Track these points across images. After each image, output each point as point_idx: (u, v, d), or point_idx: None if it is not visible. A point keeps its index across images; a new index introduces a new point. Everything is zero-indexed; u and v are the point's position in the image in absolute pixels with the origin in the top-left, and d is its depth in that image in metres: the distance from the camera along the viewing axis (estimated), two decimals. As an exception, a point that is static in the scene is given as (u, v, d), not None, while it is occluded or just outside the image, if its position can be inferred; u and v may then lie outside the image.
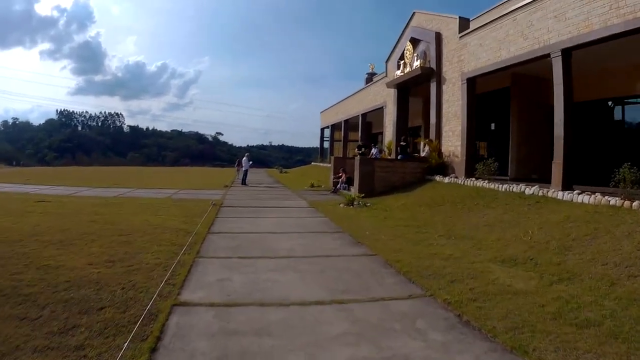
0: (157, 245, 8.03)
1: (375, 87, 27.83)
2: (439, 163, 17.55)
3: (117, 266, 6.54)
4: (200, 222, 10.72)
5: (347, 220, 11.72)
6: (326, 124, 44.35)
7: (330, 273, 6.59)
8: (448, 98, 17.72)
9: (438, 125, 18.29)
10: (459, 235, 9.62)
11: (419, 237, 9.51)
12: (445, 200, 13.25)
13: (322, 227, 10.88)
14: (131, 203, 14.66)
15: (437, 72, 18.35)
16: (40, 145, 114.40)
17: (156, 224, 10.36)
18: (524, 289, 5.86)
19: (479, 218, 10.78)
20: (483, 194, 12.71)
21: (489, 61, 15.03)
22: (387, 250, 8.13)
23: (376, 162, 17.79)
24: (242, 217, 12.17)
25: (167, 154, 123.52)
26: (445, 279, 6.29)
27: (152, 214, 12.17)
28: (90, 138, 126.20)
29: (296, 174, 39.63)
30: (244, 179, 26.02)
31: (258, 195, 19.02)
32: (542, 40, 12.52)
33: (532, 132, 17.13)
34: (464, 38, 16.64)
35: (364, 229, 10.40)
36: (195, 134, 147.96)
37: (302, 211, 14.04)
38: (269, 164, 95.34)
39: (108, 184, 23.63)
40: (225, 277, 6.17)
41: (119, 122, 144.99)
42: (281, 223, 11.37)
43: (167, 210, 13.02)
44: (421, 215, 12.27)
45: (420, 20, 20.25)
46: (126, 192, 18.82)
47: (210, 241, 8.66)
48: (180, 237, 8.90)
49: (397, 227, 10.69)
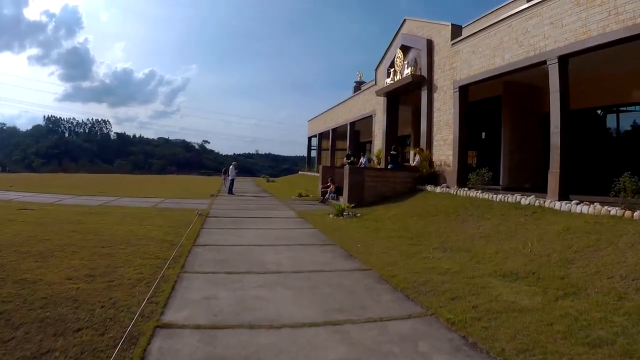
0: (140, 258, 7.57)
1: (364, 96, 27.57)
2: (430, 172, 17.25)
3: (98, 281, 6.09)
4: (185, 233, 10.27)
5: (337, 232, 11.33)
6: (314, 132, 44.00)
7: (323, 290, 6.16)
8: (439, 106, 17.46)
9: (429, 134, 18.01)
10: (455, 247, 9.26)
11: (413, 250, 9.13)
12: (438, 210, 12.90)
13: (311, 239, 10.44)
14: (115, 212, 14.13)
15: (429, 80, 18.10)
16: (28, 152, 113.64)
17: (140, 235, 9.88)
18: (530, 305, 5.53)
19: (475, 229, 10.44)
20: (477, 204, 12.38)
21: (483, 68, 14.79)
22: (381, 264, 7.75)
23: (366, 172, 17.42)
24: (229, 228, 11.69)
25: (154, 161, 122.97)
26: (445, 295, 5.92)
27: (136, 224, 11.67)
28: (77, 145, 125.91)
29: (283, 183, 39.17)
30: (231, 188, 25.52)
31: (245, 205, 18.54)
32: (538, 47, 12.31)
33: (525, 140, 17.00)
34: (456, 45, 16.42)
35: (355, 241, 10.01)
36: (182, 142, 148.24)
37: (291, 222, 13.60)
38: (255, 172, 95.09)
39: (93, 192, 23.09)
40: (211, 295, 5.72)
41: (106, 129, 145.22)
42: (269, 235, 10.92)
43: (152, 220, 12.52)
44: (414, 227, 11.91)
45: (411, 28, 20.03)
46: (111, 201, 18.25)
47: (196, 254, 8.19)
48: (164, 249, 8.44)
49: (389, 239, 10.32)
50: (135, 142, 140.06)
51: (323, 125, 39.43)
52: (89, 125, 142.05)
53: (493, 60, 14.30)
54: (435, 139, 17.71)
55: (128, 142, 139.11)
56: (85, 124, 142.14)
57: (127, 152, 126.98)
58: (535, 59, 12.41)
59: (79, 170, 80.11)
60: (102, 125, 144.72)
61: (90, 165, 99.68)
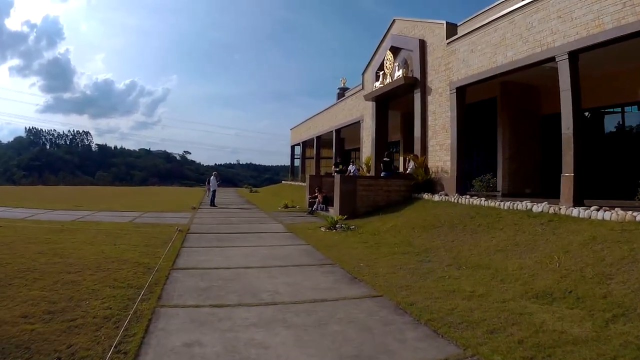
0: (110, 287, 6.34)
1: (351, 101, 26.57)
2: (426, 180, 16.24)
3: (57, 320, 4.89)
4: (163, 253, 9.03)
5: (333, 249, 10.17)
6: (297, 141, 42.88)
7: (332, 327, 4.98)
8: (434, 109, 16.52)
9: (423, 139, 17.05)
10: (471, 263, 8.22)
11: (424, 268, 8.04)
12: (441, 221, 11.87)
13: (306, 259, 9.24)
14: (89, 229, 12.77)
15: (422, 82, 17.18)
16: (9, 164, 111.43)
17: (113, 257, 8.61)
18: (581, 334, 4.58)
19: (487, 242, 9.41)
20: (484, 213, 11.40)
21: (483, 68, 13.92)
22: (392, 289, 6.62)
23: (358, 180, 16.30)
24: (212, 247, 10.42)
25: (135, 173, 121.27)
26: (480, 328, 4.85)
27: (109, 242, 10.39)
28: (59, 157, 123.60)
29: (267, 193, 37.88)
30: (213, 199, 24.23)
31: (229, 219, 17.24)
32: (545, 43, 11.54)
33: (523, 144, 16.28)
34: (452, 44, 15.52)
35: (356, 260, 8.88)
36: (163, 153, 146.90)
37: (280, 237, 12.36)
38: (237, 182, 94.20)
39: (69, 206, 21.66)
40: (194, 340, 4.50)
41: (87, 141, 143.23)
42: (258, 253, 9.68)
43: (128, 238, 11.23)
44: (417, 240, 10.83)
45: (401, 28, 19.12)
46: (86, 215, 16.87)
47: (175, 281, 6.95)
48: (138, 274, 7.20)
49: (393, 256, 9.20)
50: (116, 154, 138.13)
51: (307, 133, 38.36)
52: (70, 137, 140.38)
53: (494, 59, 13.44)
54: (431, 144, 16.74)
55: (109, 153, 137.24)
56: (67, 135, 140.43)
57: (108, 164, 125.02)
58: (542, 56, 11.65)
59: (59, 182, 78.80)
60: (84, 137, 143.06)
61: (71, 177, 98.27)
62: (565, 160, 10.84)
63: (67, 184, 73.01)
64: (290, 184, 38.50)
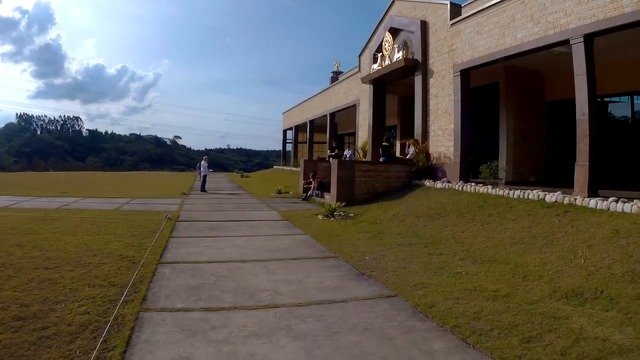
0: (90, 286, 5.61)
1: (346, 84, 25.70)
2: (427, 166, 15.57)
3: (27, 329, 4.20)
4: (150, 244, 8.29)
5: (334, 239, 9.47)
6: (289, 125, 41.99)
7: (346, 337, 4.28)
8: (436, 92, 15.78)
9: (424, 123, 16.31)
10: (486, 257, 7.59)
11: (436, 262, 7.39)
12: (447, 210, 11.23)
13: (307, 250, 8.50)
14: (72, 217, 11.95)
15: (423, 64, 16.39)
16: (0, 150, 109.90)
17: (95, 249, 7.86)
18: (625, 343, 4.05)
19: (501, 233, 8.79)
20: (492, 202, 10.78)
21: (490, 50, 13.19)
22: (406, 287, 5.98)
23: (357, 166, 15.55)
24: (203, 237, 9.63)
25: (126, 158, 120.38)
26: (514, 335, 4.26)
27: (93, 232, 9.61)
28: (49, 142, 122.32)
29: (259, 178, 37.00)
30: (203, 185, 23.33)
31: (220, 205, 16.43)
32: (559, 25, 10.82)
33: (528, 130, 15.64)
34: (456, 25, 14.75)
35: (360, 252, 8.21)
36: (154, 138, 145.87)
37: (276, 226, 11.62)
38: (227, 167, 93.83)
39: (56, 193, 20.68)
40: (184, 355, 3.80)
41: (78, 126, 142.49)
42: (254, 245, 8.91)
43: (113, 227, 10.45)
44: (423, 230, 10.18)
45: (401, 9, 18.28)
46: (72, 203, 15.97)
47: (162, 278, 6.20)
48: (122, 270, 6.46)
49: (400, 248, 8.53)
50: (107, 139, 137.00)
51: (299, 117, 37.48)
52: (60, 123, 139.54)
53: (502, 40, 12.70)
54: (432, 128, 16.03)
55: (100, 139, 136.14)
56: (58, 121, 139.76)
57: (99, 149, 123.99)
58: (555, 38, 10.94)
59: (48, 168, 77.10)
60: (74, 122, 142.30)
61: (61, 163, 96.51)
62: (580, 148, 10.19)
63: (57, 169, 71.51)
64: (283, 168, 37.71)
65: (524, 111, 15.58)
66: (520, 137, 15.44)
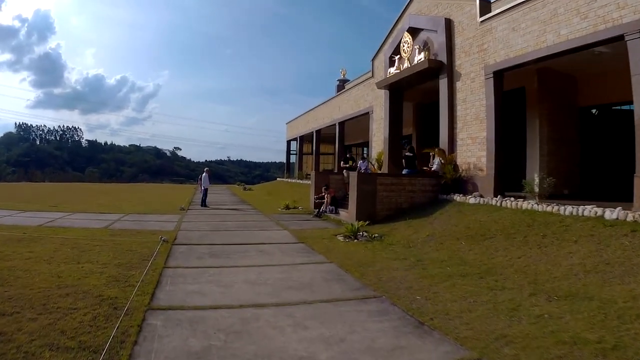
0: (51, 350, 3.95)
1: (357, 91, 24.04)
2: (455, 179, 13.89)
3: None
4: (139, 279, 6.59)
5: (367, 269, 7.73)
6: (293, 135, 40.23)
7: None
8: (465, 97, 14.15)
9: (451, 131, 14.64)
10: (561, 291, 6.01)
11: (504, 301, 5.73)
12: (491, 230, 9.55)
13: (338, 287, 6.69)
14: (54, 238, 10.28)
15: (448, 66, 14.76)
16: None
17: (70, 284, 6.19)
18: None
19: (566, 258, 7.20)
20: (542, 221, 9.14)
21: (528, 48, 11.64)
22: (486, 344, 4.32)
23: (379, 179, 13.88)
24: (205, 268, 7.80)
25: (126, 169, 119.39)
26: None
27: (72, 259, 7.93)
28: (48, 153, 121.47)
29: (262, 191, 35.27)
30: (204, 199, 21.64)
31: (223, 223, 14.63)
32: (610, 19, 9.42)
33: (562, 139, 14.08)
34: (487, 22, 13.18)
35: (405, 287, 6.51)
36: (154, 149, 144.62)
37: (291, 251, 9.81)
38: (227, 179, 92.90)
39: (44, 206, 19.15)
40: None
41: (77, 137, 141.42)
42: (269, 278, 7.12)
43: (97, 252, 8.76)
44: (470, 256, 8.47)
45: (421, 7, 16.72)
46: (58, 218, 14.34)
47: (151, 337, 4.43)
48: (98, 321, 4.74)
49: (451, 281, 6.82)
50: (106, 150, 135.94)
51: (305, 127, 35.78)
52: (60, 133, 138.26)
53: (543, 38, 11.15)
54: (460, 137, 14.37)
55: (99, 149, 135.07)
56: (57, 131, 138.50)
57: (98, 160, 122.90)
58: (606, 34, 9.52)
59: (44, 179, 75.48)
60: (74, 133, 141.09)
61: (59, 173, 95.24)
62: (639, 158, 8.72)
63: (54, 180, 69.87)
64: (287, 181, 36.00)
65: (557, 118, 14.10)
66: (554, 146, 13.89)
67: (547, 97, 14.03)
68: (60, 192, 33.07)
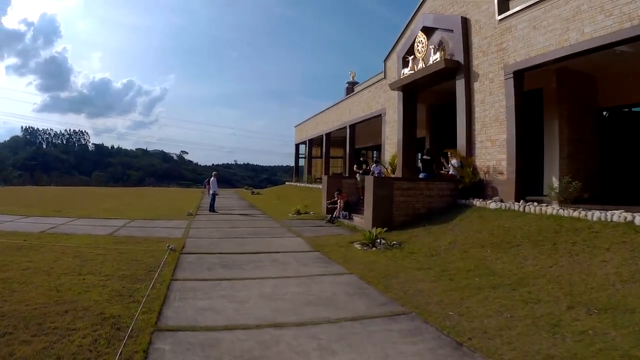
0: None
1: (369, 93, 23.52)
2: (474, 183, 13.34)
3: None
4: (145, 293, 6.11)
5: (391, 281, 7.22)
6: (302, 139, 39.71)
7: None
8: (483, 98, 13.62)
9: (468, 133, 14.09)
10: (600, 303, 5.56)
11: (542, 315, 5.32)
12: (517, 237, 9.00)
13: (362, 302, 6.14)
14: (55, 247, 9.79)
15: (465, 67, 14.22)
16: (6, 163, 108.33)
17: (69, 300, 5.74)
18: None
19: (600, 267, 6.71)
20: (568, 227, 8.61)
21: (550, 47, 11.10)
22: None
23: (395, 183, 13.33)
24: (216, 280, 7.31)
25: (132, 173, 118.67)
26: None
27: (73, 270, 7.48)
28: (55, 156, 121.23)
29: (271, 195, 34.78)
30: (212, 204, 21.12)
31: (234, 230, 14.11)
32: (637, 17, 8.93)
33: (582, 141, 13.51)
34: (506, 21, 12.64)
35: (435, 301, 6.02)
36: (161, 153, 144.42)
37: (307, 260, 9.27)
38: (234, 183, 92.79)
39: (48, 211, 18.75)
40: None
41: (84, 140, 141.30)
42: (286, 293, 6.59)
43: (100, 261, 8.30)
44: (497, 265, 7.93)
45: (435, 6, 16.22)
46: (61, 224, 13.95)
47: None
48: (99, 346, 4.27)
49: (482, 293, 6.31)
50: (113, 154, 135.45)
51: (314, 131, 35.28)
52: (66, 137, 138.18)
53: (566, 36, 10.62)
54: (478, 139, 13.82)
55: (106, 153, 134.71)
56: (63, 135, 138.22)
57: (105, 164, 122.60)
58: (632, 32, 9.02)
59: (50, 182, 75.40)
60: (80, 137, 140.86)
61: (65, 177, 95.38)
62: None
63: (60, 184, 69.69)
64: (296, 185, 35.51)
65: (577, 119, 13.52)
66: (574, 148, 13.32)
67: (567, 97, 13.50)
68: (65, 196, 32.81)
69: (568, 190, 10.40)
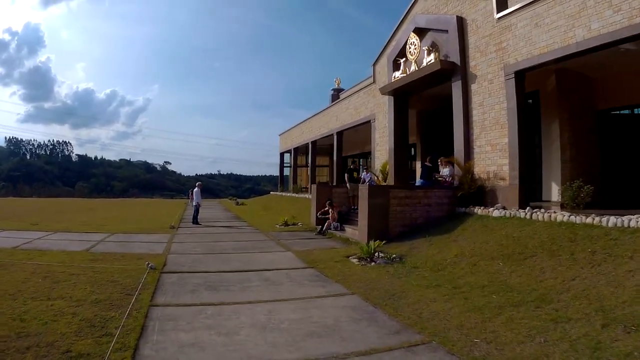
0: None
1: (357, 98, 22.79)
2: (473, 190, 12.64)
3: None
4: (120, 324, 5.23)
5: (399, 302, 6.44)
6: (287, 147, 38.84)
7: None
8: (481, 100, 12.98)
9: (466, 138, 13.42)
10: (635, 319, 4.91)
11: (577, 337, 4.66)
12: (529, 247, 8.30)
13: (372, 331, 5.26)
14: (26, 265, 8.86)
15: (462, 68, 13.57)
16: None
17: (34, 332, 4.86)
18: None
19: (628, 278, 6.05)
20: (584, 235, 7.95)
21: (554, 45, 10.53)
22: None
23: (392, 192, 12.59)
24: (201, 305, 6.36)
25: (116, 183, 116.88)
26: None
27: (42, 294, 6.59)
28: (38, 167, 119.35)
29: (256, 206, 33.80)
30: (196, 216, 20.11)
31: (218, 244, 13.16)
32: None
33: (583, 144, 13.09)
34: (505, 19, 12.05)
35: (454, 326, 5.24)
36: (144, 163, 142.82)
37: (302, 279, 8.37)
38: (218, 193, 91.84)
39: (25, 224, 17.82)
40: None
41: (67, 151, 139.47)
42: (282, 321, 5.65)
43: (73, 283, 7.38)
44: (514, 280, 7.18)
45: (427, 6, 15.61)
46: (36, 239, 12.97)
47: None
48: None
49: (504, 313, 5.57)
50: (97, 164, 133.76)
51: (299, 139, 34.45)
52: (50, 147, 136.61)
53: (572, 33, 10.04)
54: (477, 144, 13.15)
55: (90, 164, 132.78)
56: (47, 145, 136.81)
57: (88, 175, 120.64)
58: None
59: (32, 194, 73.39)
60: (64, 147, 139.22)
61: (48, 188, 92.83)
62: None
63: (42, 195, 67.92)
64: (282, 195, 34.62)
65: (577, 121, 13.10)
66: (575, 151, 12.85)
67: (567, 99, 13.11)
68: (45, 208, 31.66)
69: (580, 195, 9.74)
